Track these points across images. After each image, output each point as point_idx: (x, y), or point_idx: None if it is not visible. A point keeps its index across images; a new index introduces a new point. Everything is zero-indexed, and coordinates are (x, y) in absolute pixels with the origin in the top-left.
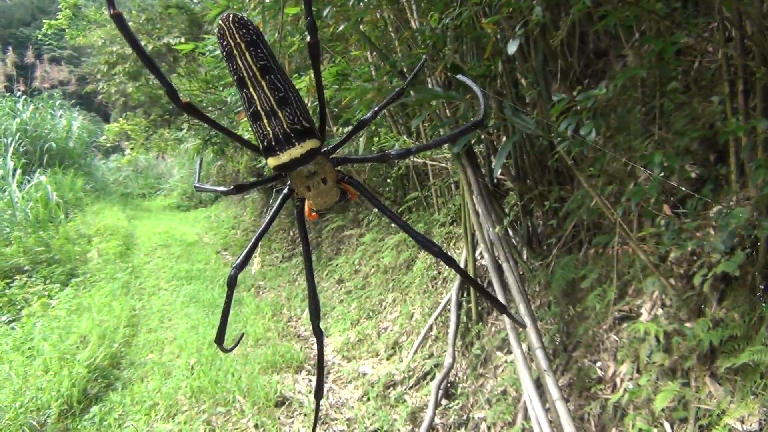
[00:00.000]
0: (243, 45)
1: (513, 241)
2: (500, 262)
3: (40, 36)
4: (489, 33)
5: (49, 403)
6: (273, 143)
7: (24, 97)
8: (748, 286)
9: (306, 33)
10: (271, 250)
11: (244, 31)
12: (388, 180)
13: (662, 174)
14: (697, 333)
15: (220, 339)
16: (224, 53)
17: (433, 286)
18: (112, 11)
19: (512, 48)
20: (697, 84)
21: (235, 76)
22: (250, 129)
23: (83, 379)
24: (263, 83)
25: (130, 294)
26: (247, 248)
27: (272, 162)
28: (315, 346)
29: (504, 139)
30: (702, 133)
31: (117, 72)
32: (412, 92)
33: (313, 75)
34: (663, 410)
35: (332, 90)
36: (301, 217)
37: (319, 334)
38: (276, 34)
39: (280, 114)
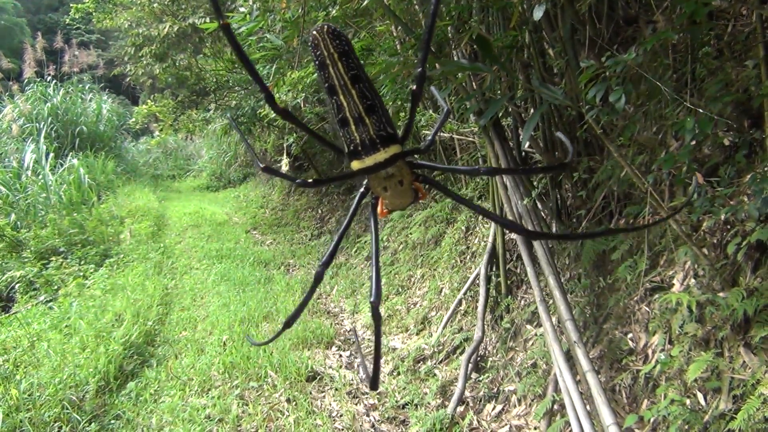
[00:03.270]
0: (336, 55)
1: (542, 213)
2: None
3: (67, 20)
4: (515, 2)
5: (87, 379)
6: (359, 148)
7: (54, 81)
8: None
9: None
10: (300, 228)
11: (337, 42)
12: (415, 156)
13: (694, 141)
14: (731, 303)
15: (291, 321)
16: (317, 62)
17: (461, 261)
18: (221, 22)
19: (538, 14)
20: (731, 48)
21: (326, 84)
22: (338, 133)
23: (119, 356)
24: (353, 92)
25: (162, 273)
26: (331, 247)
27: (356, 165)
28: (345, 323)
29: (532, 110)
30: (735, 97)
31: (144, 54)
32: (437, 65)
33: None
34: (696, 381)
35: None
36: (374, 212)
37: (377, 318)
38: (299, 10)
39: (367, 121)
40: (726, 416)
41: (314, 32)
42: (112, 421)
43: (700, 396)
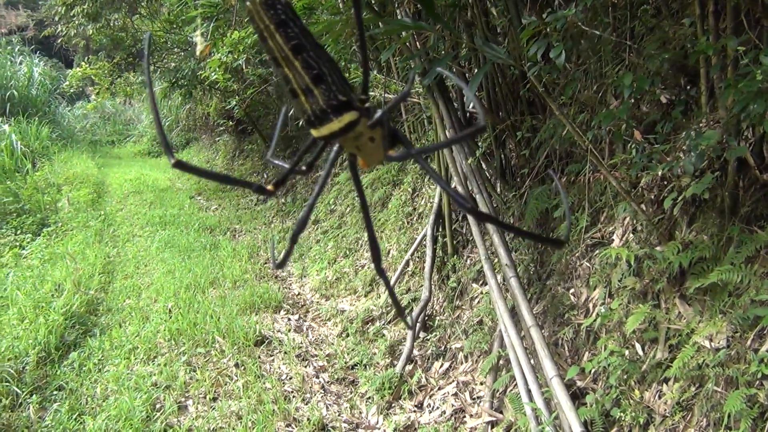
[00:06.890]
0: (272, 27)
1: (486, 173)
2: (474, 194)
3: None
4: None
5: (26, 350)
6: (312, 118)
7: None
8: (717, 208)
9: None
10: (246, 193)
11: (272, 12)
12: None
13: (633, 100)
14: (668, 256)
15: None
16: (257, 34)
17: (408, 222)
18: (172, 161)
19: None
20: (668, 6)
21: (269, 57)
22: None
23: (60, 326)
24: (296, 63)
25: (104, 242)
26: (307, 208)
27: (315, 134)
28: (293, 287)
29: (476, 70)
30: (672, 54)
31: (75, 14)
32: (380, 24)
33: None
34: (634, 332)
35: None
36: (354, 169)
37: (382, 273)
38: None
39: (315, 91)
40: (662, 365)
41: (248, 3)
42: (55, 392)
43: (638, 346)
